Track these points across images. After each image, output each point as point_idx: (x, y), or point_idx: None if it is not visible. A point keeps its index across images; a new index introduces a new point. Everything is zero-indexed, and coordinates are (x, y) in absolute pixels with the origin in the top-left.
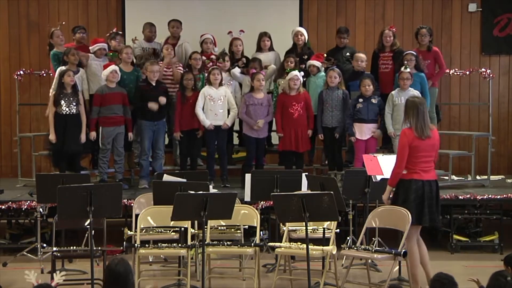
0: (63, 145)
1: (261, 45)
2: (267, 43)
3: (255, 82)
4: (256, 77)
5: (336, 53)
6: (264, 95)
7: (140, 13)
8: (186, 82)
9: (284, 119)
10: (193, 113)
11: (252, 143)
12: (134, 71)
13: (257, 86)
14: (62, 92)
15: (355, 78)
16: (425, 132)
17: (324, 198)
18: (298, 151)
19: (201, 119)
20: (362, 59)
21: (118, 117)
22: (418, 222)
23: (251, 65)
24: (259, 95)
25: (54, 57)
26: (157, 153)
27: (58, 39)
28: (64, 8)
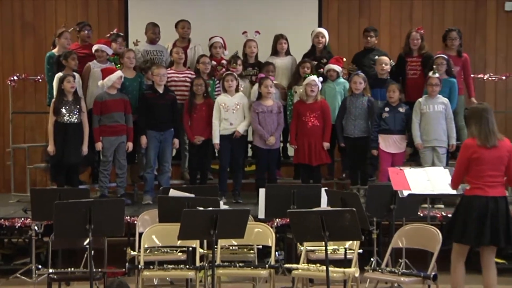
0: (62, 157)
1: (277, 48)
2: (284, 46)
3: (262, 89)
4: (264, 83)
5: (363, 56)
6: (273, 102)
7: (144, 13)
8: (196, 88)
9: (298, 129)
10: (204, 123)
11: (263, 155)
12: (137, 77)
13: (264, 93)
14: (63, 99)
15: (378, 84)
16: (490, 141)
17: (345, 216)
18: (311, 164)
19: (213, 133)
20: (385, 62)
21: (119, 125)
22: (477, 243)
23: (265, 68)
24: (268, 102)
25: (49, 60)
26: (163, 165)
27: (65, 42)
28: (61, 8)
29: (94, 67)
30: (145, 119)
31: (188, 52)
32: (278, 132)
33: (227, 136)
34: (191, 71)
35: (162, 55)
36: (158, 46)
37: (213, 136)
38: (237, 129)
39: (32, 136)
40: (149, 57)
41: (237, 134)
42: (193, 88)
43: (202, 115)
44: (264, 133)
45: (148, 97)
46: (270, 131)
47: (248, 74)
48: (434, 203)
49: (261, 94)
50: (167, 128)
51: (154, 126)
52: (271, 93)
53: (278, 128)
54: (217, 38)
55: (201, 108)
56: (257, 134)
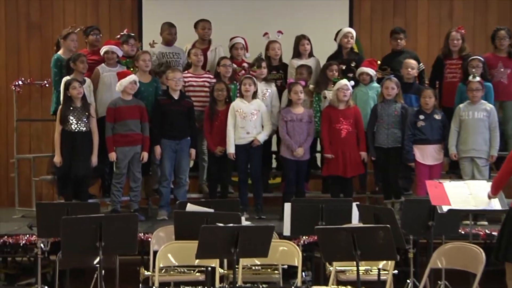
0: (70, 168)
1: (299, 50)
2: (307, 47)
3: (292, 95)
4: (294, 89)
5: (392, 59)
6: (304, 110)
7: (160, 12)
8: (217, 93)
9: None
10: (225, 131)
11: (291, 167)
12: (153, 82)
13: (294, 99)
14: (70, 106)
15: (405, 90)
16: None
17: (379, 233)
18: (345, 176)
19: (228, 142)
20: (412, 66)
21: (134, 134)
22: None
23: (298, 71)
24: (298, 110)
25: (56, 63)
26: (179, 178)
27: (71, 44)
28: (70, 7)
29: (103, 71)
30: (159, 128)
31: (208, 55)
32: (307, 143)
33: (243, 146)
34: (210, 74)
35: (179, 58)
36: (174, 48)
37: (227, 144)
38: (256, 137)
39: (38, 145)
40: (164, 60)
41: (255, 143)
42: (213, 94)
43: (224, 122)
44: (292, 143)
45: (162, 104)
46: (298, 142)
47: (272, 78)
48: (476, 220)
49: (290, 101)
50: (183, 137)
51: (169, 135)
52: (301, 99)
53: (307, 139)
54: (238, 38)
55: (223, 115)
56: (284, 144)
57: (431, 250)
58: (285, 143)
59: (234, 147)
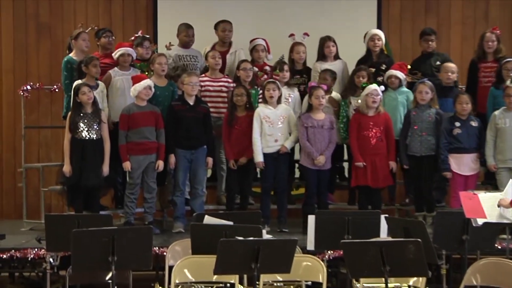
0: (80, 178)
1: (324, 52)
2: (333, 49)
3: (313, 99)
4: (315, 93)
5: (422, 62)
6: (325, 116)
7: (176, 13)
8: (237, 98)
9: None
10: (245, 139)
11: (311, 177)
12: (169, 86)
13: (315, 104)
14: (80, 112)
15: (443, 94)
16: None
17: (409, 247)
18: (375, 186)
19: (255, 150)
20: (452, 70)
21: (149, 142)
22: None
23: (321, 76)
24: (319, 116)
25: (66, 65)
26: (196, 188)
27: (83, 43)
28: (81, 6)
29: (116, 75)
30: (173, 136)
31: (227, 58)
32: (329, 151)
33: (270, 154)
34: (229, 78)
35: (196, 61)
36: (192, 51)
37: (254, 153)
38: (284, 144)
39: (47, 154)
40: (181, 63)
41: (282, 150)
42: (233, 99)
43: (243, 129)
44: (312, 151)
45: (176, 110)
46: (319, 149)
47: (296, 82)
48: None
49: (311, 106)
50: (199, 145)
51: (184, 144)
52: (322, 104)
53: (329, 146)
54: (259, 40)
55: (243, 121)
56: (305, 152)
57: (465, 266)
58: (306, 151)
59: (262, 156)
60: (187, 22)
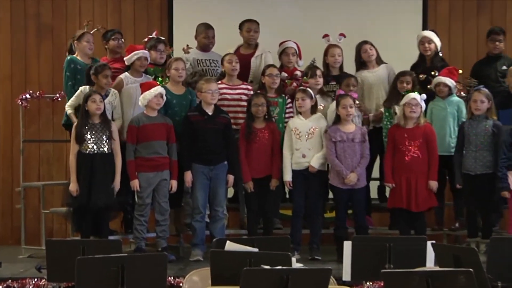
0: (89, 198)
1: (363, 58)
2: (371, 52)
3: (340, 110)
4: (342, 103)
5: (486, 65)
6: (355, 127)
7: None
8: (256, 109)
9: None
10: (266, 154)
11: (342, 198)
12: (187, 94)
13: (343, 115)
14: (88, 123)
15: (508, 104)
16: None
17: (459, 278)
18: (410, 209)
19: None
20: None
21: (161, 158)
22: None
23: (344, 82)
24: (348, 127)
25: (69, 65)
26: (216, 210)
27: (86, 46)
28: (87, 5)
29: (128, 81)
30: (189, 150)
31: (252, 61)
32: (361, 168)
33: (300, 172)
34: (248, 85)
35: (217, 66)
36: (212, 54)
37: (284, 171)
38: (310, 163)
39: (48, 171)
40: (200, 68)
41: (311, 170)
42: (251, 109)
43: (263, 144)
44: (342, 168)
45: (192, 121)
46: (350, 166)
47: (330, 90)
48: None
49: (339, 117)
50: (219, 160)
51: (202, 159)
52: (351, 115)
53: (361, 162)
54: (289, 42)
55: (262, 134)
56: (334, 170)
57: None
58: (335, 169)
59: (291, 174)
60: (207, 21)
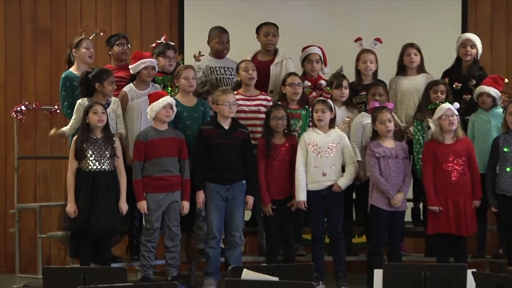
0: (88, 221)
1: (404, 63)
2: (415, 58)
3: (378, 126)
4: (380, 117)
5: None
6: (396, 143)
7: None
8: (276, 122)
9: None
10: (286, 173)
11: (384, 221)
12: (199, 105)
13: (382, 131)
14: (89, 137)
15: None
16: None
17: None
18: (459, 234)
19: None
20: None
21: (171, 177)
22: None
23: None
24: (388, 143)
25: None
26: (232, 235)
27: (86, 53)
28: (89, 6)
29: (133, 95)
30: (203, 167)
31: (271, 69)
32: (407, 187)
33: (318, 192)
34: (267, 96)
35: (232, 74)
36: (227, 61)
37: (297, 189)
38: (337, 182)
39: (46, 191)
40: (213, 77)
41: (335, 189)
42: (270, 122)
43: (284, 161)
44: (388, 188)
45: (207, 135)
46: (396, 185)
47: (360, 101)
48: None
49: (376, 133)
50: (236, 180)
51: (217, 178)
52: (390, 130)
53: (406, 181)
54: (313, 48)
55: (282, 151)
56: (377, 190)
57: None
58: (380, 188)
59: (305, 194)
60: (221, 25)
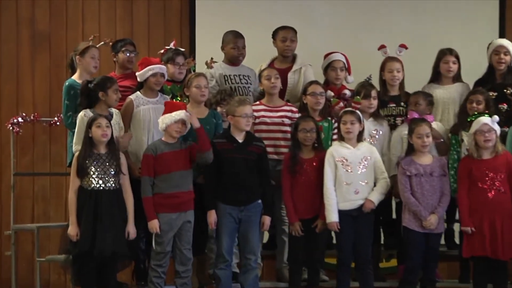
0: (92, 245)
1: (441, 70)
2: (453, 66)
3: (415, 140)
4: (417, 131)
5: None
6: (433, 158)
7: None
8: (304, 135)
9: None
10: (313, 190)
11: (418, 244)
12: (211, 116)
13: (418, 145)
14: (92, 153)
15: None
16: None
17: None
18: (496, 257)
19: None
20: None
21: (184, 194)
22: None
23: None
24: (424, 159)
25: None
26: (247, 259)
27: (91, 63)
28: (92, 8)
29: (140, 102)
30: (214, 185)
31: (289, 77)
32: (442, 208)
33: (349, 212)
34: (292, 107)
35: (248, 83)
36: (242, 69)
37: (328, 210)
38: (368, 197)
39: (44, 211)
40: (227, 86)
41: (368, 206)
42: (297, 135)
43: (311, 177)
44: (420, 209)
45: (219, 149)
46: (430, 205)
47: (389, 114)
48: None
49: (412, 147)
50: (251, 200)
51: (229, 198)
52: (428, 145)
53: (442, 201)
54: (337, 54)
55: (310, 166)
56: (410, 211)
57: None
58: (411, 209)
59: (337, 214)
60: (236, 29)
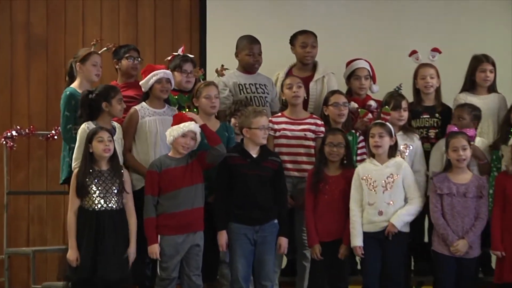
0: (93, 271)
1: (477, 79)
2: (490, 75)
3: (450, 153)
4: (452, 144)
5: None
6: (471, 176)
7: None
8: (330, 149)
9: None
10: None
11: (448, 269)
12: (223, 130)
13: (453, 159)
14: (93, 169)
15: None
16: None
17: None
18: None
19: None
20: None
21: (190, 212)
22: None
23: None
24: (461, 177)
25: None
26: (263, 285)
27: (93, 70)
28: (92, 12)
29: (145, 113)
30: (226, 203)
31: (310, 87)
32: (474, 233)
33: (374, 234)
34: (317, 119)
35: (265, 93)
36: (258, 77)
37: (352, 233)
38: (391, 221)
39: (40, 232)
40: (243, 96)
41: (390, 230)
42: (324, 150)
43: (336, 196)
44: (447, 232)
45: (231, 165)
46: (460, 229)
47: (421, 125)
48: None
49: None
50: (267, 219)
51: (243, 216)
52: (465, 160)
53: (476, 225)
54: (361, 62)
55: (335, 184)
56: (438, 233)
57: None
58: (439, 231)
59: (361, 237)
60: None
